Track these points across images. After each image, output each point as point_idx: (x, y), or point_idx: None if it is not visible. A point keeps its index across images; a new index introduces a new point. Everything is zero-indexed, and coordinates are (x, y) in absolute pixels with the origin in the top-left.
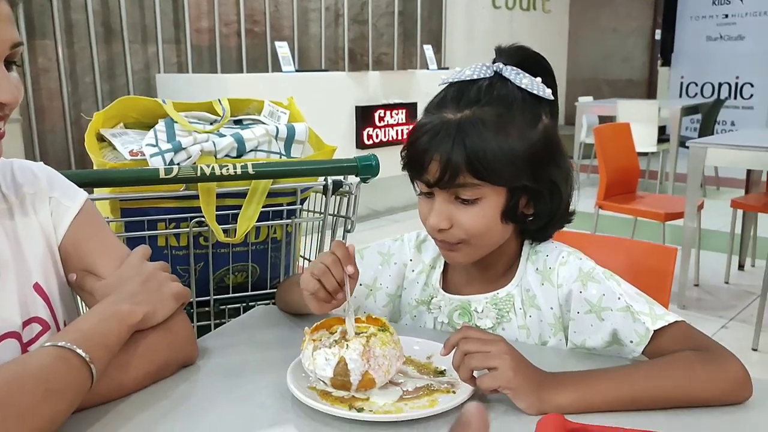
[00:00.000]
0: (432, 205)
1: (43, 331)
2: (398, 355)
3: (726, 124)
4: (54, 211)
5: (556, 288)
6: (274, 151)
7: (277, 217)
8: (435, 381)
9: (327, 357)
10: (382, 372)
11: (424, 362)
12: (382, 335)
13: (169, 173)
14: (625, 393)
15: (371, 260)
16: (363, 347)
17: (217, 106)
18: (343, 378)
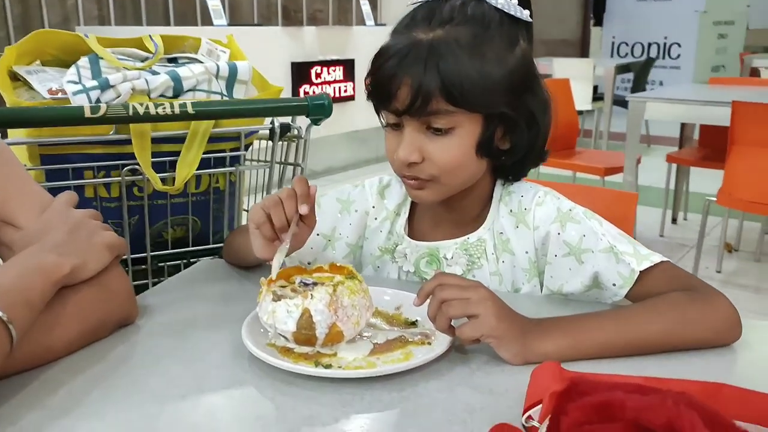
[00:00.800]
0: (400, 137)
1: None
2: (368, 306)
3: (655, 83)
4: None
5: (532, 230)
6: (214, 91)
7: (219, 165)
8: (407, 332)
9: (289, 309)
10: (351, 324)
11: (393, 313)
12: (350, 283)
13: (96, 112)
14: (615, 338)
15: (329, 208)
16: (330, 297)
17: (148, 42)
18: (308, 332)
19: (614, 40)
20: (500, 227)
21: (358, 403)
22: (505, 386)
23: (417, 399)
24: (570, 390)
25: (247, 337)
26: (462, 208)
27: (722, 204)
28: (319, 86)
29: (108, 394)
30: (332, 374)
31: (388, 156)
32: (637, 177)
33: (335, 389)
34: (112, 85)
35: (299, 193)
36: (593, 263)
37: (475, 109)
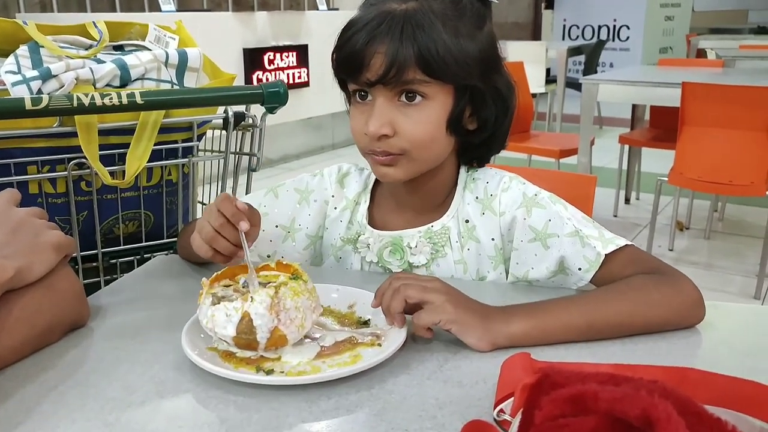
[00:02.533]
0: (369, 112)
1: None
2: (314, 306)
3: (605, 66)
4: None
5: (498, 216)
6: (164, 79)
7: (171, 156)
8: (358, 333)
9: (228, 313)
10: (295, 327)
11: (346, 312)
12: (293, 284)
13: (38, 104)
14: (579, 319)
15: (287, 199)
16: (271, 299)
17: (91, 29)
18: (248, 336)
19: (565, 23)
20: (465, 214)
21: (324, 402)
22: (474, 378)
23: (386, 396)
24: (542, 382)
25: (187, 343)
26: (426, 194)
27: (673, 183)
28: (273, 72)
29: (60, 403)
30: (272, 381)
31: (355, 133)
32: (591, 158)
33: (300, 389)
34: (55, 75)
35: (230, 215)
36: (559, 248)
37: (449, 80)
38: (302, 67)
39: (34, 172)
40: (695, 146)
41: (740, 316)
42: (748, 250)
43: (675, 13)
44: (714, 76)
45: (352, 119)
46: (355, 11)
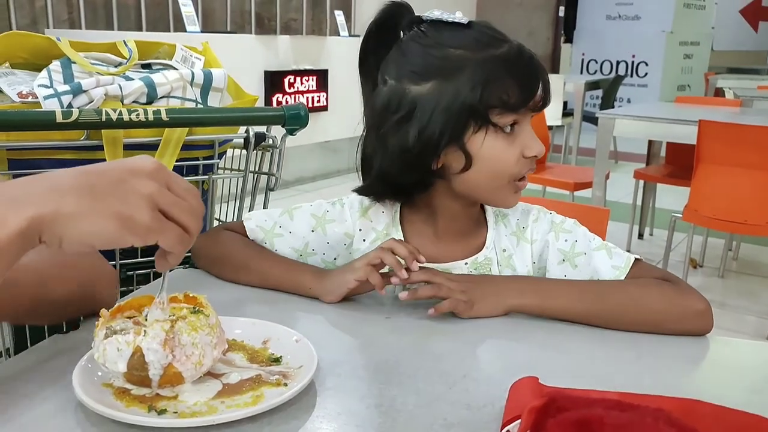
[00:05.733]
0: (513, 139)
1: None
2: (215, 342)
3: (623, 101)
4: None
5: (531, 243)
6: (189, 98)
7: (192, 173)
8: (265, 371)
9: (119, 347)
10: (192, 364)
11: (259, 348)
12: (192, 318)
13: (68, 117)
14: (579, 304)
15: (303, 223)
16: (165, 334)
17: (122, 47)
18: (141, 373)
19: (584, 57)
20: (502, 244)
21: (334, 418)
22: (483, 401)
23: (395, 414)
24: (548, 405)
25: (78, 376)
26: (466, 222)
27: (688, 220)
28: (293, 96)
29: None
30: (159, 423)
31: (507, 162)
32: (605, 192)
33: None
34: (85, 90)
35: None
36: (588, 264)
37: None
38: (322, 91)
39: None
40: (711, 184)
41: (751, 353)
42: (763, 290)
43: (694, 52)
44: (731, 116)
45: (502, 151)
46: None
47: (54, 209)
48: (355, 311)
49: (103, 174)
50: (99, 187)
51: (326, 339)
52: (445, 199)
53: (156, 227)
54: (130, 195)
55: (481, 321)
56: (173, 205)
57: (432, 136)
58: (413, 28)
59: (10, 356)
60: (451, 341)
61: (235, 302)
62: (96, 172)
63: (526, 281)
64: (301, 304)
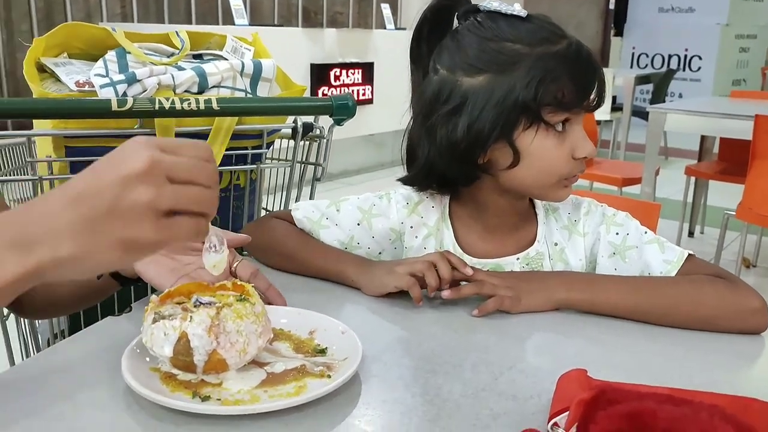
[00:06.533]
0: (564, 138)
1: None
2: (260, 331)
3: (674, 96)
4: None
5: (583, 236)
6: (239, 88)
7: (240, 162)
8: (310, 362)
9: (166, 332)
10: (236, 351)
11: (305, 338)
12: (238, 306)
13: (123, 105)
14: (628, 299)
15: (349, 216)
16: (210, 321)
17: (174, 38)
18: (186, 358)
19: (634, 51)
20: (554, 238)
21: (379, 405)
22: (529, 393)
23: (440, 403)
24: (598, 398)
25: (127, 360)
26: (517, 217)
27: (741, 218)
28: (338, 88)
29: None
30: (202, 410)
31: (558, 161)
32: (655, 189)
33: (241, 419)
34: (139, 80)
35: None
36: (639, 258)
37: None
38: (367, 84)
39: None
40: (766, 181)
41: None
42: None
43: (751, 45)
44: None
45: (551, 150)
46: None
47: (53, 256)
48: (400, 301)
49: (97, 196)
50: (96, 216)
51: (371, 328)
52: (491, 193)
53: (164, 237)
54: (128, 213)
55: (529, 315)
56: (178, 200)
57: (481, 131)
58: (469, 18)
59: (65, 338)
60: (497, 333)
61: (281, 289)
62: (90, 195)
63: (574, 276)
64: (346, 294)
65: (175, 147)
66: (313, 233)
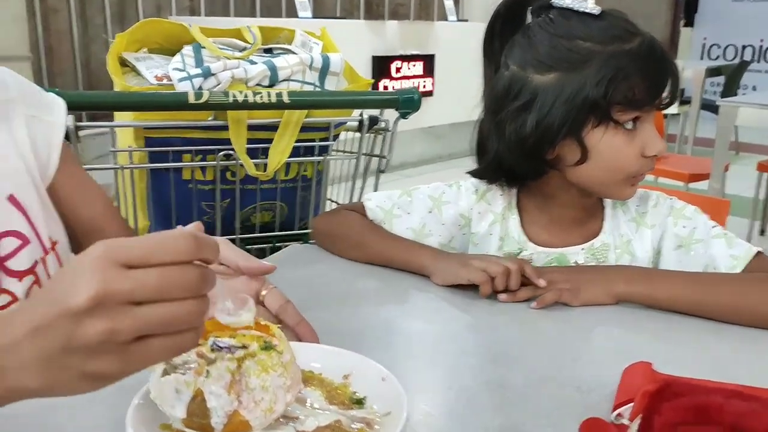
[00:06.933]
0: (633, 136)
1: (21, 246)
2: (288, 385)
3: (747, 88)
4: (36, 131)
5: (650, 228)
6: (308, 81)
7: (308, 154)
8: (346, 416)
9: (178, 387)
10: (261, 411)
11: (338, 384)
12: (262, 356)
13: (199, 98)
14: (690, 295)
15: (420, 204)
16: (231, 376)
17: (246, 33)
18: (201, 420)
19: (705, 42)
20: (621, 230)
21: (444, 392)
22: (592, 384)
23: (503, 391)
24: (664, 390)
25: (134, 416)
26: (585, 209)
27: None
28: (399, 81)
29: None
30: None
31: (628, 158)
32: (723, 185)
33: None
34: (214, 73)
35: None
36: (705, 251)
37: None
38: (428, 76)
39: (189, 160)
40: None
41: None
42: None
43: None
44: None
45: (620, 148)
46: (484, 22)
47: (23, 387)
48: (465, 291)
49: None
50: (53, 352)
51: (436, 315)
52: (559, 188)
53: (132, 368)
54: (84, 349)
55: (590, 309)
56: (141, 327)
57: (550, 128)
58: (542, 14)
59: None
60: (560, 326)
61: (349, 278)
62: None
63: (635, 269)
64: (413, 281)
65: (143, 255)
66: (385, 223)
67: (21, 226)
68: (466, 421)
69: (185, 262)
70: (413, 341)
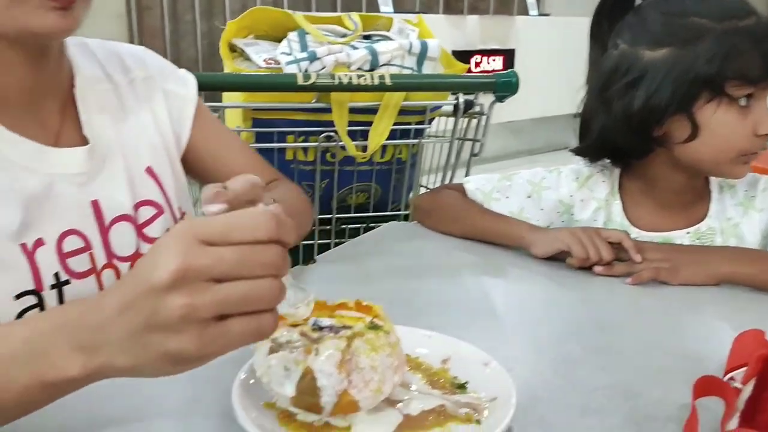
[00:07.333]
0: (746, 114)
1: (157, 215)
2: (396, 365)
3: None
4: (172, 103)
5: (759, 212)
6: (406, 66)
7: (404, 137)
8: (451, 401)
9: (287, 366)
10: (370, 391)
11: (438, 369)
12: (371, 335)
13: (307, 80)
14: None
15: (519, 189)
16: (341, 355)
17: (346, 20)
18: (311, 399)
19: None
20: (728, 213)
21: (551, 362)
22: (702, 353)
23: (611, 358)
24: None
25: (239, 396)
26: (691, 193)
27: None
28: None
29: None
30: None
31: (736, 136)
32: None
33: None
34: (319, 57)
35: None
36: None
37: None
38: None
39: (292, 141)
40: None
41: None
42: None
43: None
44: None
45: (732, 124)
46: (567, 17)
47: (111, 365)
48: (562, 266)
49: (134, 308)
50: (137, 330)
51: (533, 287)
52: (665, 168)
53: (212, 350)
54: (165, 326)
55: (692, 288)
56: (221, 305)
57: (659, 104)
58: None
59: None
60: (663, 302)
61: (446, 252)
62: (129, 307)
63: (739, 250)
64: (511, 257)
65: (223, 234)
66: (484, 205)
67: (157, 196)
68: (573, 379)
69: (265, 242)
70: (512, 312)
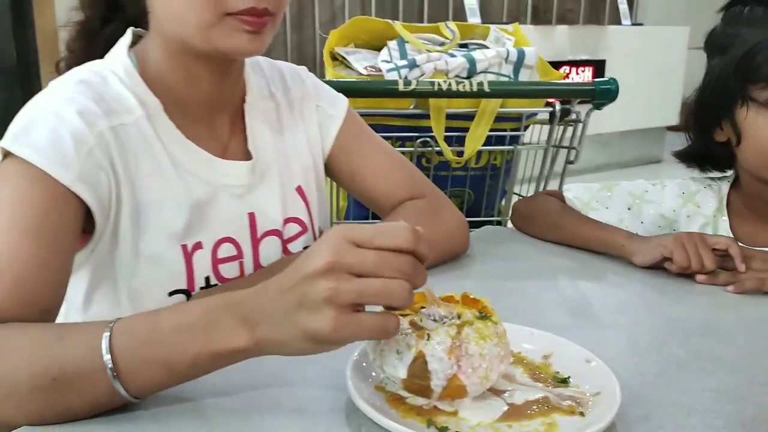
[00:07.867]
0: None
1: (301, 233)
2: (503, 355)
3: None
4: (321, 122)
5: None
6: (503, 73)
7: (499, 143)
8: (554, 393)
9: (399, 349)
10: (477, 378)
11: (540, 363)
12: (480, 325)
13: (408, 86)
14: None
15: (619, 200)
16: (452, 341)
17: (444, 29)
18: (421, 381)
19: None
20: None
21: (648, 370)
22: None
23: (713, 365)
24: None
25: (353, 377)
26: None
27: None
28: None
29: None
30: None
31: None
32: None
33: None
34: (418, 65)
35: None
36: None
37: None
38: None
39: None
40: None
41: None
42: None
43: None
44: None
45: (762, 129)
46: (661, 26)
47: (268, 338)
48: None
49: (291, 290)
50: (290, 309)
51: (632, 294)
52: (747, 177)
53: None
54: (310, 306)
55: None
56: (358, 293)
57: (708, 107)
58: None
59: None
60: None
61: (543, 256)
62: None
63: None
64: (607, 263)
65: (368, 238)
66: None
67: (303, 215)
68: (678, 382)
69: (402, 250)
70: (610, 316)
